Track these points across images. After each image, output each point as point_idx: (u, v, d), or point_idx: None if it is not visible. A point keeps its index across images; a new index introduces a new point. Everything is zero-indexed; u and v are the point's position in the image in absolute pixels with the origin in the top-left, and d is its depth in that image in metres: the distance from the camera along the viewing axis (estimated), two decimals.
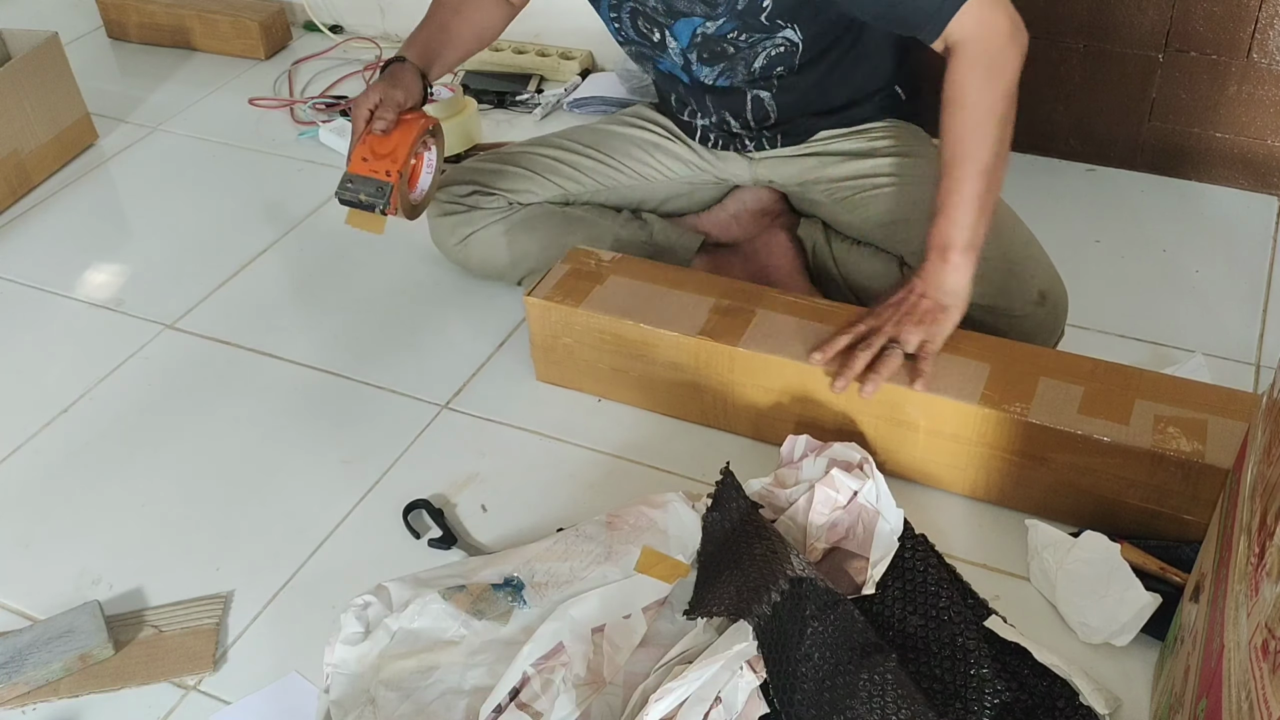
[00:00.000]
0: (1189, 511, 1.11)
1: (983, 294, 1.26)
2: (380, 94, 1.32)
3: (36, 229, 1.83)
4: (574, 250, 1.41)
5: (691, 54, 1.34)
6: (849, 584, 1.09)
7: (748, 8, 1.26)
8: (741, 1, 1.25)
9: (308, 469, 1.33)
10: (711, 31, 1.30)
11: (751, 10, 1.26)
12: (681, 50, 1.35)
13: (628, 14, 1.35)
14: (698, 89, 1.40)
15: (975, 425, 1.17)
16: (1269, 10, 1.57)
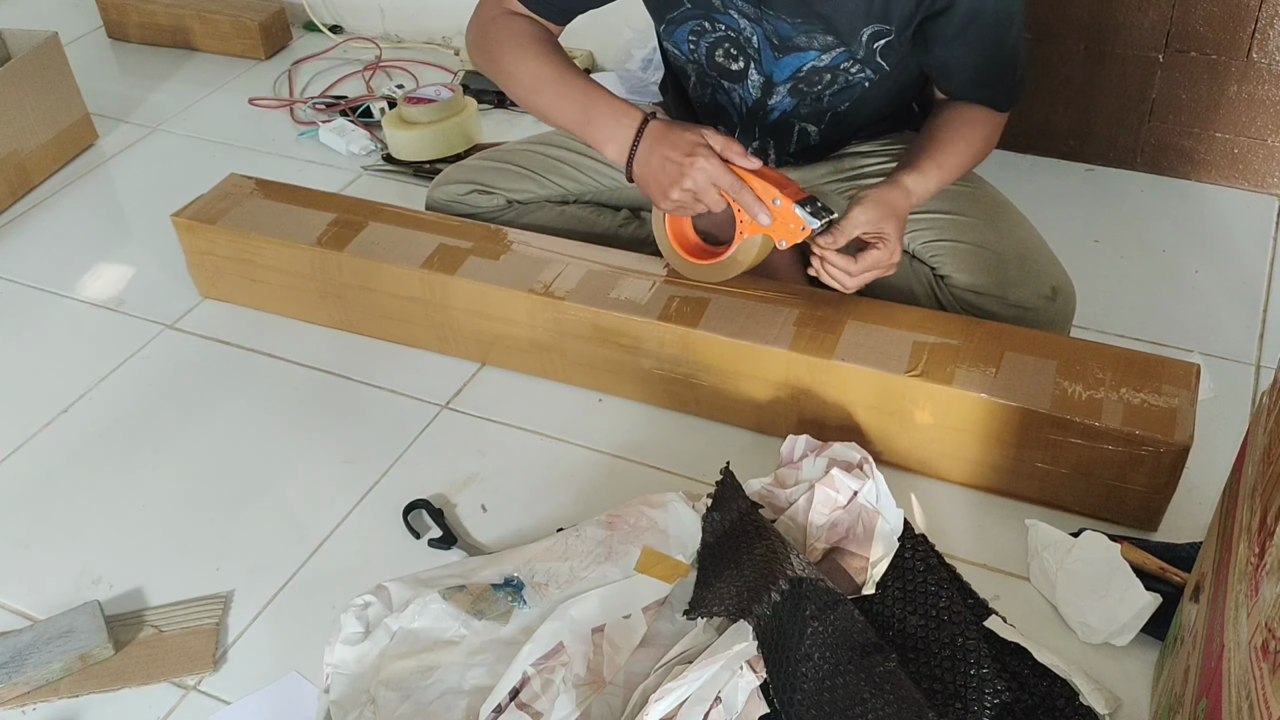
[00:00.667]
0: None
1: (999, 285, 1.27)
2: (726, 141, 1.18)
3: (36, 229, 1.83)
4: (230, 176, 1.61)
5: (784, 86, 1.32)
6: (849, 584, 1.09)
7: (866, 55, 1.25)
8: (861, 49, 1.24)
9: (308, 469, 1.33)
10: (822, 65, 1.28)
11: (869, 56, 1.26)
12: (770, 83, 1.31)
13: (708, 43, 1.31)
14: (750, 120, 1.38)
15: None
16: (1269, 10, 1.57)
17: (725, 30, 1.28)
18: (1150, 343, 1.44)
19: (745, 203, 1.16)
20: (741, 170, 1.15)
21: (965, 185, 1.37)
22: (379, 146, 1.96)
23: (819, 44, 1.26)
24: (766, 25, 1.25)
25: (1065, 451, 1.15)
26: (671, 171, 1.16)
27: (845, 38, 1.24)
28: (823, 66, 1.29)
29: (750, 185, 1.15)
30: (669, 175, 1.16)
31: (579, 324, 1.33)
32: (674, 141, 1.16)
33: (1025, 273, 1.28)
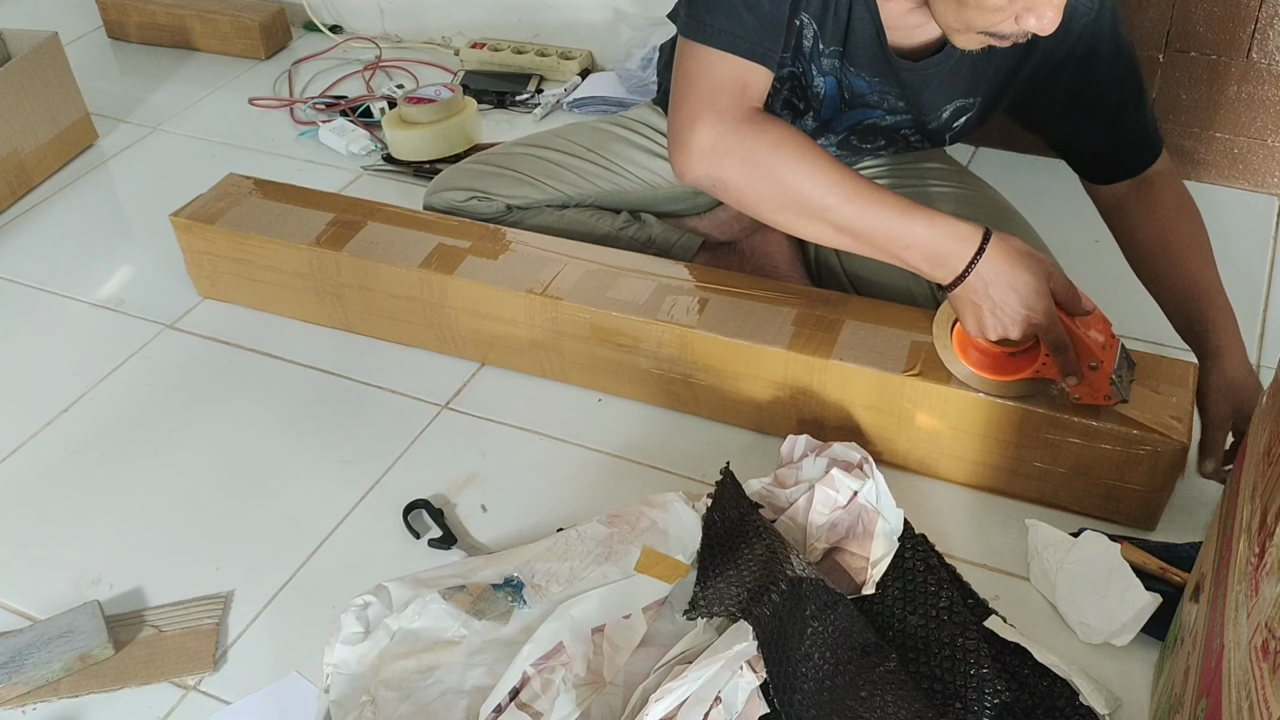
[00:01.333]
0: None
1: None
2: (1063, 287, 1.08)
3: (36, 229, 1.83)
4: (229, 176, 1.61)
5: (837, 137, 1.31)
6: (849, 584, 1.10)
7: (939, 127, 1.25)
8: (937, 122, 1.23)
9: (308, 469, 1.33)
10: (885, 124, 1.27)
11: (940, 129, 1.26)
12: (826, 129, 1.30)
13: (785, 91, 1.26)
14: None
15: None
16: (1269, 10, 1.57)
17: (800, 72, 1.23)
18: (1150, 342, 1.44)
19: (1063, 362, 1.08)
20: (1070, 324, 1.07)
21: (964, 188, 1.37)
22: (379, 146, 1.96)
23: (888, 105, 1.24)
24: (843, 79, 1.22)
25: (1063, 451, 1.16)
26: (1007, 316, 1.06)
27: (923, 109, 1.23)
28: (883, 126, 1.28)
29: (1078, 344, 1.07)
30: (1003, 318, 1.07)
31: (577, 324, 1.33)
32: (1015, 287, 1.05)
33: None
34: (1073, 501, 1.19)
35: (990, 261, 1.05)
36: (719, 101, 1.08)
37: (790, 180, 1.06)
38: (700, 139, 1.07)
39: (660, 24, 2.00)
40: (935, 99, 1.22)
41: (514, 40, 2.23)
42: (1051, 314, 1.05)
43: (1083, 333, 1.06)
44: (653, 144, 1.51)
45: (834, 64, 1.21)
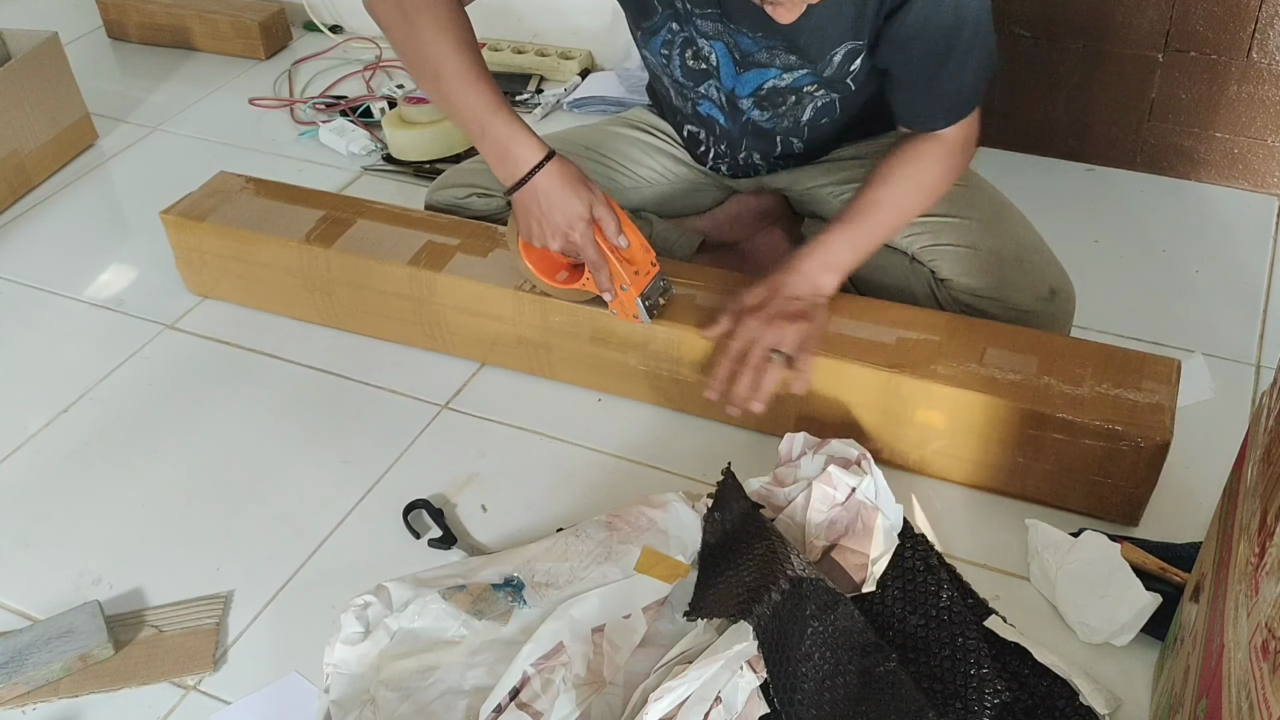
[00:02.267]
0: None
1: (994, 287, 1.28)
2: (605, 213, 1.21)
3: (36, 229, 1.83)
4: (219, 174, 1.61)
5: (748, 100, 1.32)
6: (849, 582, 1.09)
7: (835, 75, 1.26)
8: (830, 69, 1.25)
9: (308, 469, 1.33)
10: (784, 85, 1.29)
11: (839, 76, 1.26)
12: (734, 96, 1.32)
13: (679, 50, 1.31)
14: (735, 131, 1.39)
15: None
16: (1269, 10, 1.57)
17: (690, 35, 1.28)
18: (1150, 342, 1.44)
19: (598, 279, 1.24)
20: (607, 247, 1.22)
21: (962, 185, 1.37)
22: (379, 146, 1.96)
23: (781, 62, 1.26)
24: (728, 39, 1.25)
25: (1046, 447, 1.15)
26: (549, 228, 1.21)
27: (812, 58, 1.24)
28: (784, 86, 1.29)
29: (610, 266, 1.23)
30: (545, 229, 1.21)
31: (569, 322, 1.33)
32: (561, 203, 1.19)
33: (1023, 274, 1.28)
34: (1057, 498, 1.19)
35: (546, 176, 1.18)
36: None
37: (419, 39, 1.19)
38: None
39: None
40: (820, 44, 1.22)
41: (514, 40, 2.23)
42: (588, 236, 1.20)
43: (616, 259, 1.23)
44: (652, 142, 1.51)
45: (716, 26, 1.24)
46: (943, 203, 1.34)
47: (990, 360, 1.20)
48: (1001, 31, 1.74)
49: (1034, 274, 1.29)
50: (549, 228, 1.21)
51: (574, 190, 1.19)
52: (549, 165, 1.19)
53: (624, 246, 1.23)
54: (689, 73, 1.33)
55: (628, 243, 1.24)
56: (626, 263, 1.24)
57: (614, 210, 1.23)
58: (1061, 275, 1.30)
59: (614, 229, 1.22)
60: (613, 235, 1.22)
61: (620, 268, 1.23)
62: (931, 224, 1.33)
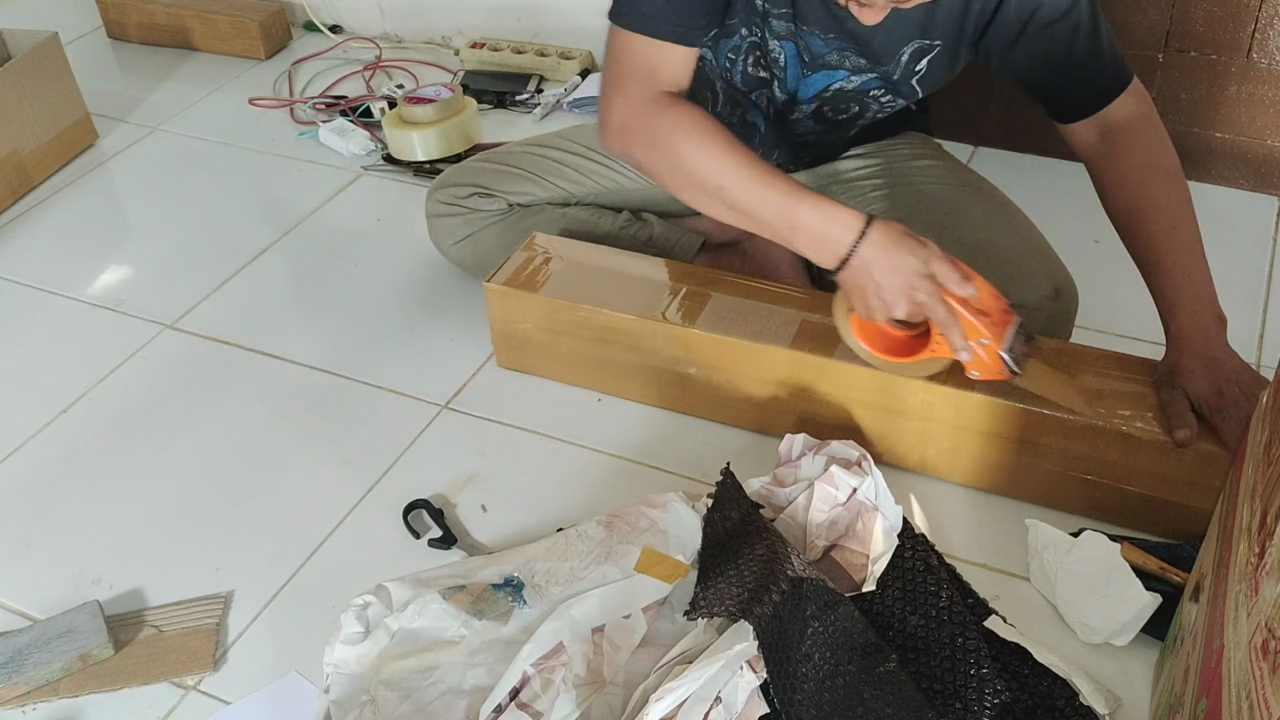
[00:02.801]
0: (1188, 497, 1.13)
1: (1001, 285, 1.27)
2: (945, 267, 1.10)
3: (36, 229, 1.83)
4: (533, 236, 1.43)
5: (809, 105, 1.31)
6: (849, 582, 1.10)
7: (902, 75, 1.26)
8: (898, 70, 1.24)
9: (308, 469, 1.33)
10: (849, 88, 1.27)
11: (905, 77, 1.25)
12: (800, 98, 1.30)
13: (745, 55, 1.29)
14: (773, 138, 1.38)
15: (970, 413, 1.17)
16: (1269, 10, 1.57)
17: (759, 39, 1.26)
18: (1151, 342, 1.44)
19: (951, 340, 1.11)
20: (955, 300, 1.10)
21: (966, 185, 1.38)
22: (379, 146, 1.96)
23: (850, 64, 1.25)
24: (800, 42, 1.24)
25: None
26: (889, 296, 1.10)
27: (880, 58, 1.23)
28: (850, 90, 1.28)
29: (961, 320, 1.10)
30: (886, 298, 1.10)
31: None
32: (896, 267, 1.09)
33: (1027, 273, 1.28)
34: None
35: (871, 244, 1.09)
36: (629, 85, 1.17)
37: (689, 160, 1.14)
38: (612, 120, 1.18)
39: None
40: (889, 43, 1.21)
41: (514, 40, 2.23)
42: (934, 293, 1.09)
43: (968, 311, 1.10)
44: None
45: (788, 26, 1.22)
46: (947, 201, 1.34)
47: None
48: None
49: (1037, 274, 1.29)
50: (889, 296, 1.10)
51: (906, 249, 1.09)
52: (870, 232, 1.09)
53: (973, 296, 1.10)
54: (748, 79, 1.31)
55: (975, 292, 1.10)
56: (981, 314, 1.10)
57: (953, 261, 1.11)
58: (1065, 275, 1.30)
59: (957, 280, 1.09)
60: (958, 287, 1.09)
61: (975, 320, 1.10)
62: (934, 223, 1.33)
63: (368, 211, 1.81)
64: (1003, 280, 1.27)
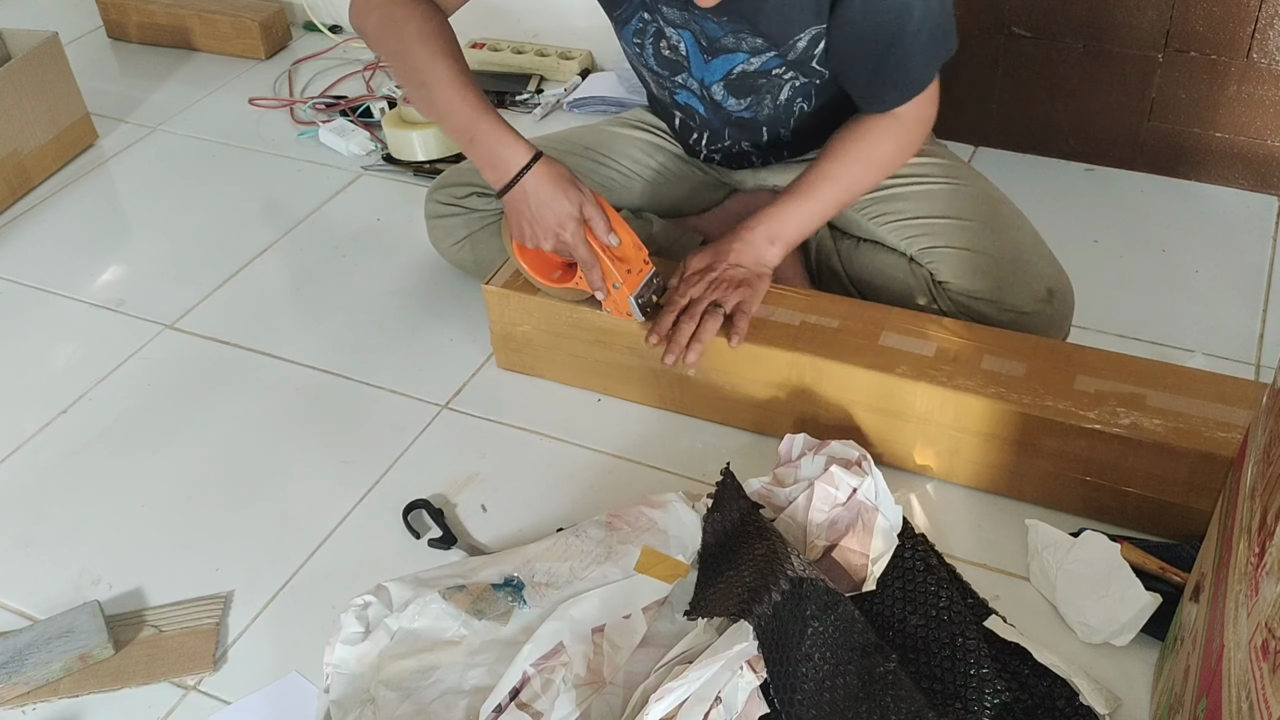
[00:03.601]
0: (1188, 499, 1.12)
1: (992, 289, 1.28)
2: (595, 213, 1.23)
3: (36, 229, 1.83)
4: None
5: (718, 87, 1.33)
6: (849, 581, 1.10)
7: (800, 58, 1.27)
8: (794, 53, 1.26)
9: (308, 469, 1.33)
10: (751, 69, 1.29)
11: (801, 56, 1.27)
12: (707, 83, 1.33)
13: (651, 40, 1.33)
14: (716, 120, 1.39)
15: (970, 414, 1.17)
16: (1269, 10, 1.57)
17: (660, 25, 1.30)
18: (1150, 343, 1.44)
19: (590, 278, 1.25)
20: (598, 245, 1.23)
21: (960, 184, 1.37)
22: (379, 146, 1.96)
23: (748, 46, 1.27)
24: (695, 27, 1.26)
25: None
26: (540, 229, 1.23)
27: (775, 40, 1.25)
28: (753, 70, 1.29)
29: (601, 264, 1.24)
30: (537, 230, 1.23)
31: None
32: (551, 203, 1.21)
33: (1020, 276, 1.28)
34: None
35: (535, 177, 1.21)
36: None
37: (409, 51, 1.24)
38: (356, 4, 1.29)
39: None
40: (782, 27, 1.23)
41: (514, 40, 2.23)
42: (579, 236, 1.22)
43: (608, 258, 1.23)
44: (653, 141, 1.51)
45: (682, 15, 1.26)
46: (939, 202, 1.34)
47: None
48: (1001, 31, 1.74)
49: (1031, 276, 1.29)
50: (540, 228, 1.23)
51: (563, 190, 1.21)
52: (536, 166, 1.21)
53: (615, 245, 1.24)
54: (663, 62, 1.35)
55: (619, 241, 1.25)
56: (619, 261, 1.25)
57: (604, 209, 1.24)
58: (1059, 276, 1.30)
59: (604, 227, 1.23)
60: (603, 234, 1.23)
61: (612, 266, 1.24)
62: (930, 225, 1.33)
63: (367, 212, 1.81)
64: (996, 283, 1.27)
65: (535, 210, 1.22)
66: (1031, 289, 1.28)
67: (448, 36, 1.25)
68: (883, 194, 1.39)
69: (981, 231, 1.31)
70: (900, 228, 1.36)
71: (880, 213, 1.38)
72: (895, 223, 1.37)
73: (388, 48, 1.26)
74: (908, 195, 1.37)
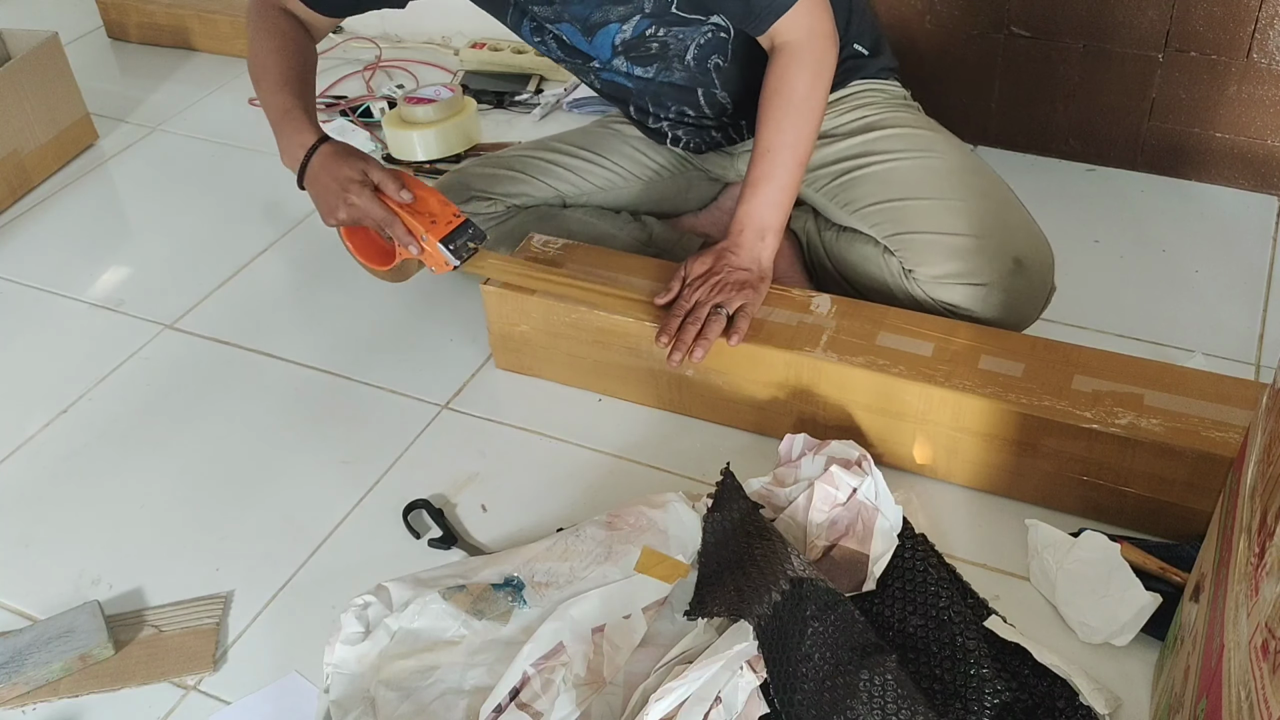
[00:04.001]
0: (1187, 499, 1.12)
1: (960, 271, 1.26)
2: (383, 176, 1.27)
3: (36, 229, 1.83)
4: (530, 238, 1.43)
5: (619, 60, 1.36)
6: (849, 581, 1.10)
7: (656, 8, 1.28)
8: (650, 3, 1.28)
9: (308, 469, 1.33)
10: (630, 35, 1.31)
11: (660, 7, 1.28)
12: (607, 61, 1.36)
13: (551, 38, 1.37)
14: (646, 90, 1.40)
15: (970, 414, 1.17)
16: (1269, 10, 1.57)
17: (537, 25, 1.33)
18: (1150, 343, 1.44)
19: (396, 236, 1.27)
20: (395, 204, 1.26)
21: (920, 155, 1.34)
22: (379, 146, 1.96)
23: (616, 15, 1.29)
24: (566, 13, 1.30)
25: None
26: (330, 200, 1.27)
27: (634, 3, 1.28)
28: (632, 37, 1.32)
29: (401, 219, 1.26)
30: (328, 202, 1.28)
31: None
32: (334, 173, 1.27)
33: (983, 251, 1.26)
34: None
35: (320, 155, 1.29)
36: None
37: (255, 52, 1.37)
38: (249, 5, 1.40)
39: None
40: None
41: (514, 40, 2.23)
42: (369, 198, 1.25)
43: (405, 213, 1.26)
44: (643, 138, 1.51)
45: (549, 9, 1.32)
46: (899, 182, 1.32)
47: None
48: (1001, 31, 1.74)
49: (996, 248, 1.26)
50: (331, 199, 1.27)
51: (344, 160, 1.27)
52: (322, 147, 1.29)
53: (408, 199, 1.27)
54: (568, 51, 1.38)
55: (412, 197, 1.27)
56: (421, 215, 1.27)
57: (395, 173, 1.27)
58: (1031, 243, 1.28)
59: (394, 186, 1.26)
60: (394, 192, 1.26)
61: (413, 220, 1.26)
62: (890, 210, 1.32)
63: None
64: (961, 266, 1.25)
65: (324, 184, 1.28)
66: (997, 260, 1.26)
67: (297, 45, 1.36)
68: (847, 179, 1.37)
69: (941, 209, 1.29)
70: (867, 214, 1.35)
71: (847, 199, 1.37)
72: (862, 209, 1.35)
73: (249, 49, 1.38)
74: (868, 177, 1.35)
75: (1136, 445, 1.11)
